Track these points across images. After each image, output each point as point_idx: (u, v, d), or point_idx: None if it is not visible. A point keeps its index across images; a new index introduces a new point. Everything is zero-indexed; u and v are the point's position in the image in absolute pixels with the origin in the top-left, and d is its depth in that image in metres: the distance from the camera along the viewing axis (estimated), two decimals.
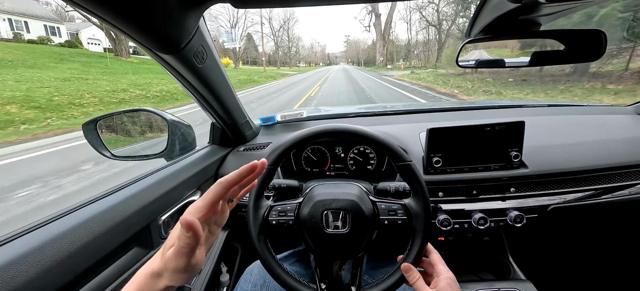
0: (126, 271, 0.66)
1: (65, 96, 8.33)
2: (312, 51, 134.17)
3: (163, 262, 0.41)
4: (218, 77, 0.80)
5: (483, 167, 0.92)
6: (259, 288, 0.80)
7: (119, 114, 0.94)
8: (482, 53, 0.96)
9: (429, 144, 0.91)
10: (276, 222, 0.65)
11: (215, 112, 0.93)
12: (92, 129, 0.88)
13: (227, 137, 1.10)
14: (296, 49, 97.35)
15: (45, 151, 4.48)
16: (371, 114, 1.39)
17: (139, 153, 0.97)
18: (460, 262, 1.09)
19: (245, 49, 62.33)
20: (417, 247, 0.60)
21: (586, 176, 0.94)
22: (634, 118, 1.17)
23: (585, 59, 0.62)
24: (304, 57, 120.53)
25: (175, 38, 0.56)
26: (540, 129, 1.09)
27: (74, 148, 4.60)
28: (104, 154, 0.90)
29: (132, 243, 0.69)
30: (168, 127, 0.92)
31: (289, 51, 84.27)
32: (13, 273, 0.44)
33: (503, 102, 1.46)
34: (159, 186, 0.77)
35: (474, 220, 0.91)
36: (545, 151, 0.97)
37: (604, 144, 0.99)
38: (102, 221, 0.60)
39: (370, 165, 1.10)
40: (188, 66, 0.67)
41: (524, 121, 0.88)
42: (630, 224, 1.25)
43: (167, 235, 0.79)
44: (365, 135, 0.65)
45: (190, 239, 0.39)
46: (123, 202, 0.67)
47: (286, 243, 1.11)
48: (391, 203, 0.64)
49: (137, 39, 0.53)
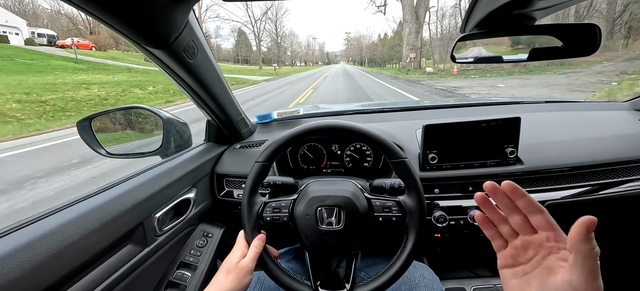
0: (120, 268, 0.66)
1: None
2: (309, 49, 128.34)
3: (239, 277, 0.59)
4: (211, 74, 0.80)
5: (479, 163, 0.92)
6: (253, 285, 0.79)
7: (114, 111, 0.94)
8: (481, 50, 0.96)
9: (425, 140, 0.91)
10: (270, 219, 0.65)
11: (209, 109, 0.93)
12: (86, 127, 0.87)
13: (223, 134, 1.10)
14: (288, 45, 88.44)
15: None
16: (368, 111, 1.39)
17: (134, 151, 0.96)
18: (456, 259, 1.09)
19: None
20: (411, 244, 0.60)
21: (582, 173, 0.94)
22: (630, 114, 1.17)
23: (580, 53, 0.62)
24: (300, 55, 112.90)
25: (164, 32, 0.56)
26: (536, 125, 1.09)
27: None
28: (98, 152, 0.89)
29: (125, 240, 0.69)
30: (163, 125, 0.92)
31: (279, 48, 70.81)
32: (0, 270, 0.44)
33: (499, 99, 1.46)
34: (153, 183, 0.77)
35: (470, 216, 0.91)
36: (541, 148, 0.96)
37: (600, 141, 0.99)
38: (94, 218, 0.60)
39: (367, 162, 1.10)
40: (179, 61, 0.67)
41: (519, 117, 0.88)
42: (626, 220, 1.25)
43: (161, 232, 0.78)
44: (360, 132, 0.65)
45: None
46: (116, 199, 0.66)
47: (283, 241, 1.11)
48: (386, 199, 0.64)
49: (125, 34, 0.52)
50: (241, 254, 0.62)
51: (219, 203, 1.06)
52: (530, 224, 0.36)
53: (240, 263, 0.60)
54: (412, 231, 0.61)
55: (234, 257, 0.62)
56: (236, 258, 0.61)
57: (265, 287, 0.78)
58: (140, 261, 0.72)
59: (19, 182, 3.27)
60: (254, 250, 0.62)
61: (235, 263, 0.60)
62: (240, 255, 0.62)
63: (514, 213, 0.37)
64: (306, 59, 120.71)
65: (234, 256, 0.62)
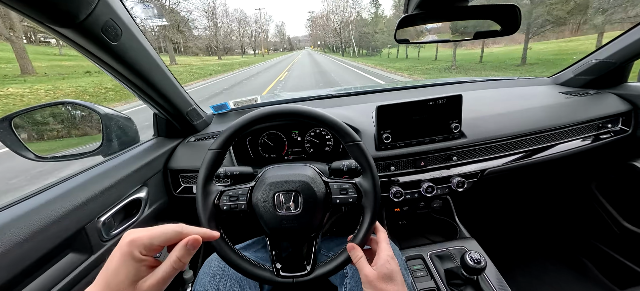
0: (62, 279, 0.60)
1: None
2: (258, 29, 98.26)
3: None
4: (145, 60, 0.73)
5: (428, 139, 0.99)
6: (218, 278, 0.78)
7: (40, 108, 0.82)
8: (433, 36, 1.01)
9: (378, 121, 0.95)
10: (227, 207, 0.63)
11: (152, 100, 0.85)
12: (5, 128, 0.76)
13: (174, 128, 1.03)
14: (226, 29, 66.73)
15: None
16: (327, 96, 1.40)
17: (69, 152, 0.87)
18: (415, 229, 1.18)
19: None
20: (367, 224, 0.63)
21: (516, 141, 1.06)
22: (552, 88, 1.34)
23: (504, 33, 0.69)
24: (246, 42, 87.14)
25: (71, 8, 0.49)
26: (477, 102, 1.20)
27: None
28: (24, 155, 0.79)
29: (65, 247, 0.63)
30: (101, 121, 0.83)
31: (215, 32, 51.58)
32: None
33: (446, 79, 1.58)
34: (93, 184, 0.70)
35: (423, 189, 0.98)
36: (481, 122, 1.07)
37: (530, 112, 1.12)
38: (23, 226, 0.53)
39: (328, 147, 1.12)
40: (98, 43, 0.59)
41: (461, 95, 0.96)
42: (552, 180, 1.45)
43: (108, 237, 0.72)
44: (315, 116, 0.65)
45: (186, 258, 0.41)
46: (49, 203, 0.60)
47: (244, 232, 1.10)
48: (342, 182, 0.66)
49: (25, 12, 0.46)
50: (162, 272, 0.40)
51: (176, 200, 1.01)
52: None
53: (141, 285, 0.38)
54: (368, 211, 0.63)
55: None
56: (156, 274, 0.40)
57: (231, 279, 0.77)
58: (87, 269, 0.66)
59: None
60: (170, 266, 0.40)
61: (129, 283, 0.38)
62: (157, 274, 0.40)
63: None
64: (256, 46, 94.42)
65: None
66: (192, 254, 0.42)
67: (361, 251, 0.60)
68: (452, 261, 0.93)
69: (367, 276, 0.55)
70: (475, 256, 0.79)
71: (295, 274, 0.62)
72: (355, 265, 0.58)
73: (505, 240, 1.50)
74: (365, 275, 0.55)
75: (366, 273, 0.55)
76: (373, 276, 0.54)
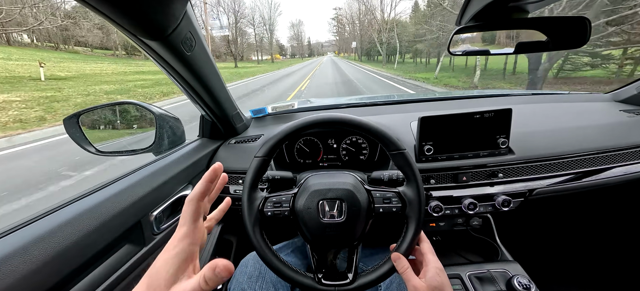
0: (118, 269, 0.64)
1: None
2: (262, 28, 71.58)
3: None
4: (207, 67, 0.77)
5: (472, 154, 0.95)
6: (254, 279, 0.79)
7: (103, 107, 0.90)
8: (468, 46, 0.97)
9: (420, 132, 0.93)
10: (271, 213, 0.64)
11: (204, 104, 0.90)
12: (74, 124, 0.84)
13: (218, 130, 1.08)
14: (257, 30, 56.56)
15: None
16: (362, 104, 1.39)
17: (125, 148, 0.93)
18: (450, 246, 1.12)
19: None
20: (411, 234, 0.61)
21: (568, 161, 0.98)
22: (611, 105, 1.23)
23: (570, 46, 0.64)
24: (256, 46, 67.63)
25: (162, 23, 0.53)
26: (526, 116, 1.13)
27: None
28: (87, 149, 0.86)
29: (123, 240, 0.68)
30: (155, 121, 0.89)
31: (236, 36, 44.85)
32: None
33: (491, 91, 1.50)
34: (149, 180, 0.75)
35: (464, 205, 0.93)
36: (530, 138, 1.00)
37: (584, 130, 1.04)
38: (91, 218, 0.58)
39: (363, 155, 1.11)
40: (176, 54, 0.64)
41: (511, 109, 0.91)
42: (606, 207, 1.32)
43: (159, 231, 0.77)
44: (359, 124, 0.65)
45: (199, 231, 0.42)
46: (113, 198, 0.64)
47: (280, 235, 1.11)
48: (386, 191, 0.65)
49: (121, 24, 0.50)
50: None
51: (216, 199, 1.05)
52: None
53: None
54: (412, 221, 0.62)
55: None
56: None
57: (267, 281, 0.78)
58: (139, 260, 0.71)
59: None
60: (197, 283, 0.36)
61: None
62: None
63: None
64: (270, 53, 73.18)
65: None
66: (218, 281, 0.36)
67: (407, 261, 0.58)
68: (493, 285, 0.87)
69: (416, 287, 0.53)
70: (524, 282, 0.74)
71: (337, 282, 0.61)
72: (402, 276, 0.57)
73: (552, 268, 1.39)
74: (414, 286, 0.53)
75: (415, 284, 0.53)
76: (423, 288, 0.53)
